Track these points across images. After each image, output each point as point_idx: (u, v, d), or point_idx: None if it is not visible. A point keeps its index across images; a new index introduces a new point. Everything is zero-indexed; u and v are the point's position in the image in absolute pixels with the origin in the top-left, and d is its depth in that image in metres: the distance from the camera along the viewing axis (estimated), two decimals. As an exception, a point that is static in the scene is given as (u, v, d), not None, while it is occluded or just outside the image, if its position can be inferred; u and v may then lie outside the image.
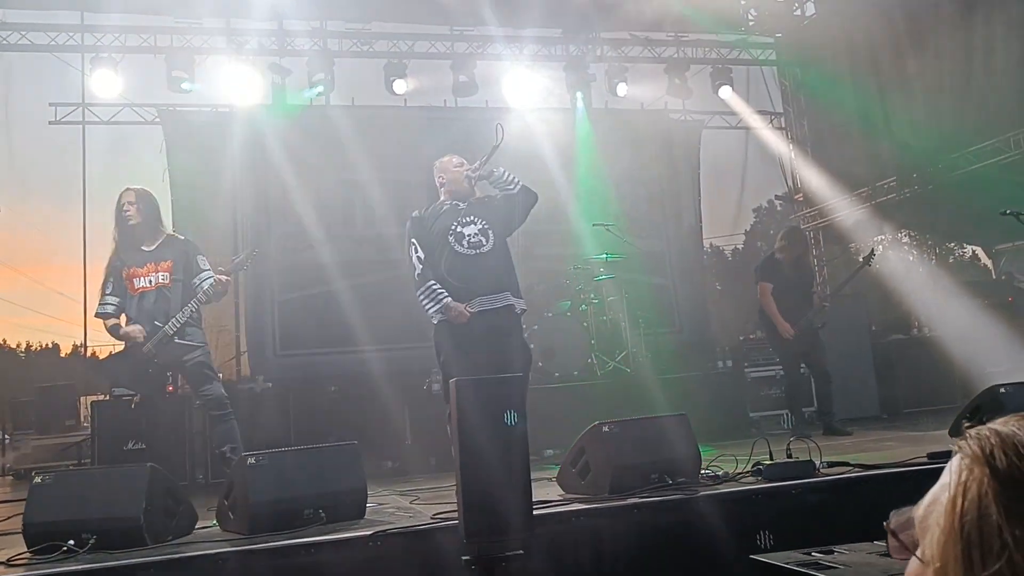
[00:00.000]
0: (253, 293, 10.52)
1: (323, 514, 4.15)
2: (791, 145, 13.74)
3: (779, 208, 18.40)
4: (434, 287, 5.13)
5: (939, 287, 11.06)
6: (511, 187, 5.47)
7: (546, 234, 10.83)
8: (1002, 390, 5.30)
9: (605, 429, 4.65)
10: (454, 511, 3.82)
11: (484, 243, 5.27)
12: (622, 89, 12.27)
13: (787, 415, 8.57)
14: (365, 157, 10.69)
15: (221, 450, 5.66)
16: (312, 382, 9.49)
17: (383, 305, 10.26)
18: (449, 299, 5.10)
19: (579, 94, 12.26)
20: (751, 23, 13.10)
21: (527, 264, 9.82)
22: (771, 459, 4.73)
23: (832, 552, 3.23)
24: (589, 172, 11.13)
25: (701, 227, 12.94)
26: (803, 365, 7.91)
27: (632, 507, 4.20)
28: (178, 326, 5.48)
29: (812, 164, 13.12)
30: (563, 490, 4.85)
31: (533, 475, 5.44)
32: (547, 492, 4.77)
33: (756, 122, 13.87)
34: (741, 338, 10.38)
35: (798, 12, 12.90)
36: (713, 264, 18.95)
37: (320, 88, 11.21)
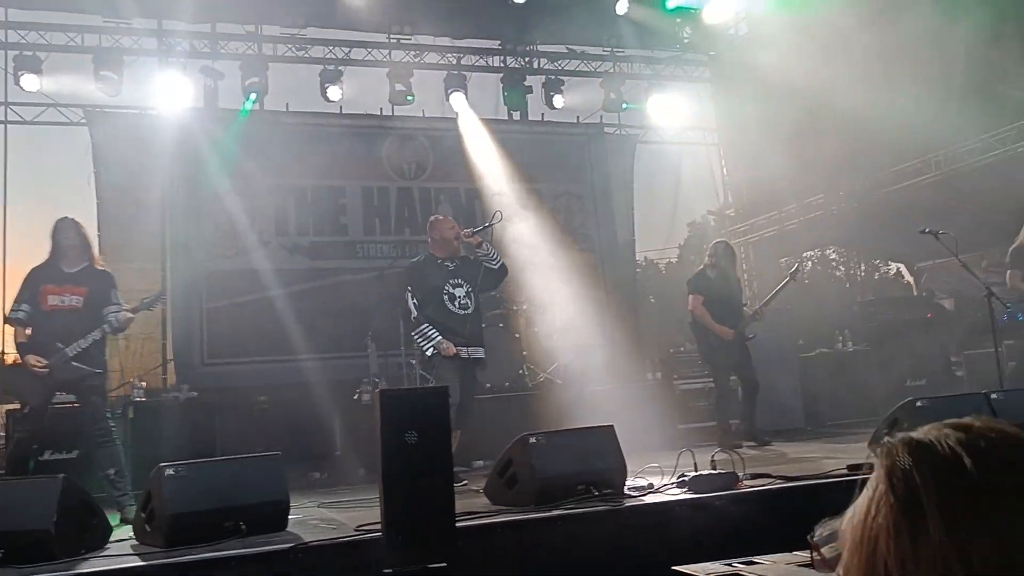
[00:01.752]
0: (180, 300, 10.27)
1: (243, 526, 4.07)
2: (723, 161, 13.98)
3: (712, 223, 18.71)
4: (426, 329, 6.33)
5: (864, 302, 11.35)
6: (492, 263, 6.58)
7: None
8: (919, 403, 5.44)
9: (533, 440, 4.65)
10: (378, 523, 3.78)
11: (469, 305, 6.50)
12: (559, 101, 12.37)
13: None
14: (298, 163, 10.57)
15: (106, 472, 5.74)
16: (240, 392, 9.31)
17: (315, 314, 10.14)
18: (440, 337, 6.30)
19: (516, 106, 12.34)
20: (686, 41, 13.31)
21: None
22: (696, 470, 4.78)
23: (753, 563, 3.28)
24: (524, 183, 11.16)
25: (634, 240, 13.08)
26: (732, 376, 8.07)
27: (558, 518, 4.20)
28: (79, 350, 5.60)
29: (744, 180, 13.37)
30: (490, 501, 4.83)
31: (462, 486, 5.43)
32: (474, 503, 4.75)
33: (690, 137, 14.11)
34: (671, 350, 10.49)
35: (732, 31, 13.14)
36: (647, 277, 19.16)
37: (254, 95, 11.05)
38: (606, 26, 11.94)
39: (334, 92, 11.30)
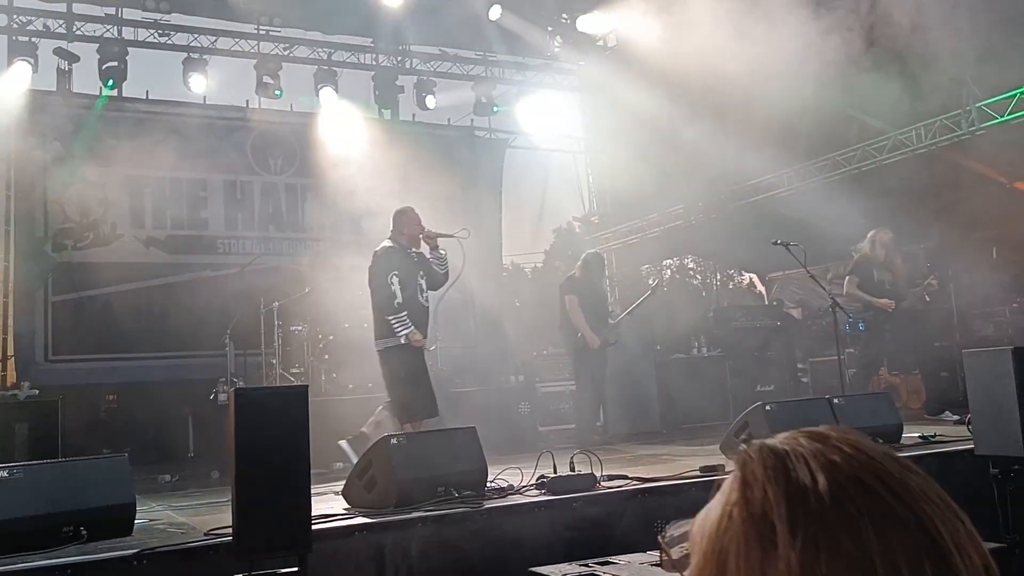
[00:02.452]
0: (23, 293, 9.69)
1: (84, 532, 3.86)
2: (590, 169, 14.27)
3: (577, 230, 19.08)
4: (405, 317, 6.35)
5: (719, 309, 11.80)
6: (442, 269, 6.75)
7: (350, 244, 10.70)
8: (767, 408, 5.71)
9: (393, 442, 4.62)
10: (230, 527, 3.66)
11: (430, 302, 6.76)
12: (431, 102, 12.36)
13: None
14: (157, 154, 10.14)
15: None
16: (87, 390, 8.89)
17: (170, 310, 9.77)
18: (414, 328, 6.35)
19: (387, 104, 12.26)
20: (557, 50, 13.54)
21: (328, 274, 9.64)
22: (555, 472, 4.84)
23: (609, 563, 3.35)
24: (393, 181, 11.07)
25: (501, 244, 13.20)
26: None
27: (417, 520, 4.18)
28: None
29: (608, 188, 13.68)
30: (349, 503, 4.76)
31: (323, 488, 5.33)
32: (332, 506, 4.67)
33: (558, 144, 14.35)
34: (535, 353, 10.63)
35: (600, 43, 13.43)
36: (513, 281, 19.35)
37: (112, 81, 10.54)
38: (479, 31, 12.00)
39: (197, 82, 10.92)
